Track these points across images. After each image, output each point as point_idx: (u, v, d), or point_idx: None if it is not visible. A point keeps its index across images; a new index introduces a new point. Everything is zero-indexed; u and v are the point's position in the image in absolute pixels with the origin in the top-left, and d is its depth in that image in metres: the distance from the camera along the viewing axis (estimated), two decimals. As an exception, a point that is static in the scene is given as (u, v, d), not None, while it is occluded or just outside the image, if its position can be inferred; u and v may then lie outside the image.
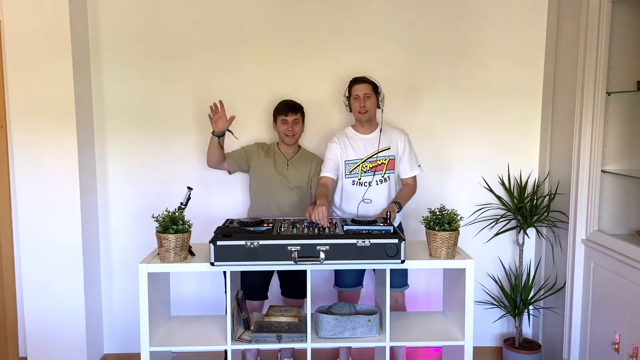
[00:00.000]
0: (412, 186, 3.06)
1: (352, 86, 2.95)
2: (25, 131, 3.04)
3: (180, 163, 3.36)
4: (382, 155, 2.97)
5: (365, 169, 2.96)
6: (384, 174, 2.97)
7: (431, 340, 2.67)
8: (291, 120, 3.04)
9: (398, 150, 3.00)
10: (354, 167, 2.97)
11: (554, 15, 3.24)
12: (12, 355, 3.40)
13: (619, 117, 2.67)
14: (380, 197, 2.96)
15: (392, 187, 3.01)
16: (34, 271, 3.14)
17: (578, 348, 2.80)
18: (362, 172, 2.96)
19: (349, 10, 3.28)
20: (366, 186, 2.96)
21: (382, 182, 2.97)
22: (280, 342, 2.51)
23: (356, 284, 3.08)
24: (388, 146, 2.99)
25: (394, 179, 3.02)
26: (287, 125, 3.05)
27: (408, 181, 3.06)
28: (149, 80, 3.29)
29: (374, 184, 2.96)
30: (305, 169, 3.11)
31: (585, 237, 2.75)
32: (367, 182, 2.96)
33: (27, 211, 3.10)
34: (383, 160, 2.97)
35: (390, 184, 3.00)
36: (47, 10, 2.97)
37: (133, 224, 3.37)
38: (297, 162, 3.11)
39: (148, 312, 2.45)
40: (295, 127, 3.06)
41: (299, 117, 3.08)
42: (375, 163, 2.97)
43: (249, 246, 2.37)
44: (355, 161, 2.97)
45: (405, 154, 3.02)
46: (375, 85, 2.95)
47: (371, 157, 2.97)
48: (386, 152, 2.98)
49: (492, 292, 3.44)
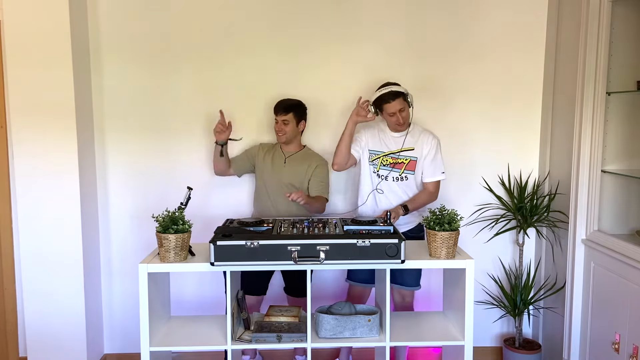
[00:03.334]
0: (431, 192, 3.02)
1: (384, 104, 2.88)
2: (25, 131, 3.04)
3: (180, 163, 3.36)
4: (404, 154, 2.98)
5: (385, 162, 2.99)
6: (402, 172, 2.98)
7: (431, 340, 2.67)
8: (280, 121, 3.06)
9: (422, 153, 2.99)
10: (375, 157, 3.01)
11: (554, 16, 3.24)
12: (12, 355, 3.40)
13: (619, 117, 2.67)
14: (392, 193, 2.99)
15: (408, 188, 3.00)
16: (34, 271, 3.14)
17: (578, 348, 2.81)
18: (381, 164, 2.99)
19: (350, 8, 3.28)
20: (382, 179, 2.99)
21: (398, 180, 2.98)
22: (280, 342, 2.51)
23: (368, 281, 3.08)
24: (412, 147, 2.98)
25: (412, 180, 3.01)
26: (278, 124, 3.07)
27: (428, 186, 3.02)
28: (149, 80, 3.29)
29: (390, 179, 2.98)
30: (302, 168, 3.08)
31: (585, 237, 2.75)
32: (384, 176, 2.99)
33: (27, 211, 3.10)
34: (404, 159, 2.98)
35: (408, 184, 3.00)
36: (47, 10, 2.97)
37: (133, 224, 3.37)
38: (296, 160, 3.10)
39: (148, 312, 2.44)
40: (284, 127, 3.06)
41: (289, 118, 3.05)
42: (395, 160, 2.98)
43: (249, 246, 2.37)
44: (377, 152, 3.00)
45: (429, 158, 2.99)
46: (404, 94, 2.89)
47: (393, 154, 2.98)
48: (409, 152, 2.98)
49: (492, 292, 3.44)
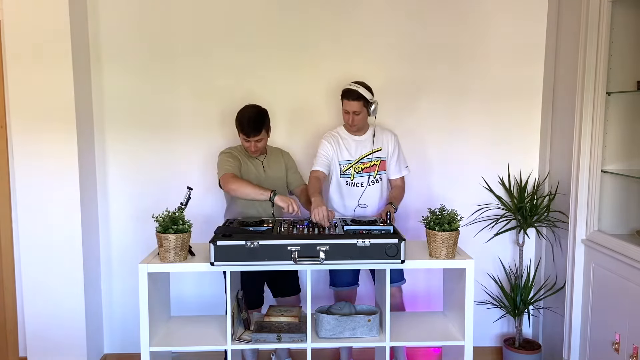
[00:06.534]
0: (402, 187, 3.08)
1: (343, 99, 2.90)
2: (25, 131, 3.04)
3: (180, 163, 3.36)
4: (375, 156, 2.99)
5: (357, 169, 2.97)
6: (376, 174, 2.98)
7: (431, 340, 2.67)
8: (254, 142, 2.85)
9: (388, 151, 3.02)
10: (347, 167, 2.98)
11: (554, 16, 3.24)
12: (12, 355, 3.40)
13: (619, 117, 2.67)
14: (373, 199, 2.99)
15: (384, 188, 3.04)
16: (34, 271, 3.14)
17: (578, 348, 2.80)
18: (354, 173, 2.97)
19: (345, 9, 3.27)
20: (359, 187, 2.98)
21: (375, 182, 2.99)
22: (280, 342, 2.51)
23: (352, 282, 3.07)
24: (379, 147, 3.00)
25: (385, 180, 3.05)
26: (251, 144, 2.86)
27: (397, 182, 3.08)
28: (149, 81, 3.29)
29: (366, 184, 2.98)
30: (278, 166, 3.02)
31: (585, 237, 2.75)
32: (360, 183, 2.98)
33: (27, 211, 3.10)
34: (375, 161, 2.98)
35: (382, 184, 3.03)
36: (47, 10, 2.97)
37: (133, 224, 3.37)
38: (269, 163, 3.02)
39: (148, 312, 2.45)
40: (258, 145, 2.88)
41: (262, 135, 2.86)
42: (367, 164, 2.98)
43: (249, 246, 2.37)
44: (348, 162, 2.98)
45: (394, 155, 3.03)
46: (366, 100, 2.87)
47: (364, 159, 2.98)
48: (378, 153, 3.00)
49: (492, 292, 3.44)
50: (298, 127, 3.35)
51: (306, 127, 3.33)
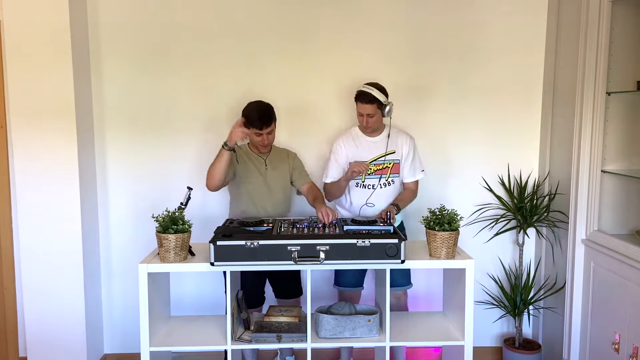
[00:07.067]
0: (413, 190, 3.05)
1: (357, 102, 2.88)
2: (25, 131, 3.04)
3: (180, 163, 3.35)
4: (388, 159, 2.97)
5: (369, 171, 2.95)
6: (388, 177, 2.96)
7: (431, 340, 2.68)
8: (265, 134, 2.87)
9: (402, 154, 3.00)
10: None
11: (554, 15, 3.24)
12: (12, 355, 3.40)
13: (619, 117, 2.67)
14: (383, 201, 2.96)
15: (396, 191, 3.01)
16: (34, 271, 3.14)
17: (578, 348, 2.81)
18: (366, 174, 2.95)
19: (351, 9, 3.28)
20: (370, 189, 2.95)
21: (386, 185, 2.97)
22: (280, 342, 2.51)
23: (357, 284, 3.07)
24: (393, 150, 2.98)
25: (398, 182, 3.02)
26: (262, 137, 2.87)
27: (409, 185, 3.05)
28: (149, 80, 3.29)
29: (377, 186, 2.95)
30: (283, 166, 3.01)
31: (585, 237, 2.75)
32: (371, 185, 2.95)
33: (27, 211, 3.10)
34: (388, 164, 2.97)
35: (395, 187, 3.00)
36: (47, 10, 2.97)
37: (133, 224, 3.36)
38: (273, 161, 3.01)
39: (148, 312, 2.45)
40: (269, 137, 2.90)
41: (273, 126, 2.90)
42: (380, 166, 2.96)
43: (249, 246, 2.37)
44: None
45: (409, 158, 3.00)
46: (380, 102, 2.85)
47: (376, 160, 2.96)
48: (391, 155, 2.97)
49: (492, 292, 3.44)
50: (299, 127, 3.34)
51: (307, 127, 3.33)
